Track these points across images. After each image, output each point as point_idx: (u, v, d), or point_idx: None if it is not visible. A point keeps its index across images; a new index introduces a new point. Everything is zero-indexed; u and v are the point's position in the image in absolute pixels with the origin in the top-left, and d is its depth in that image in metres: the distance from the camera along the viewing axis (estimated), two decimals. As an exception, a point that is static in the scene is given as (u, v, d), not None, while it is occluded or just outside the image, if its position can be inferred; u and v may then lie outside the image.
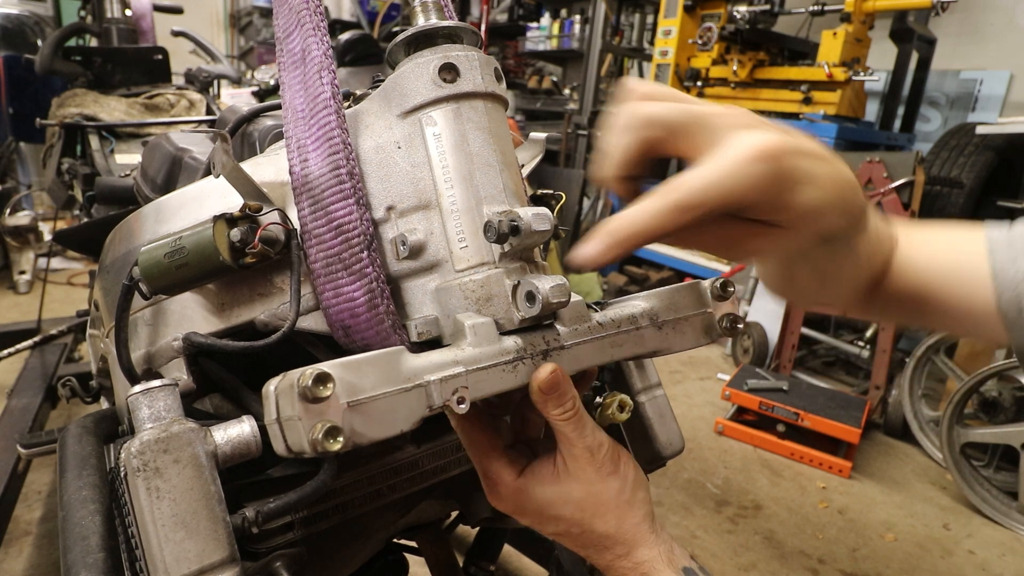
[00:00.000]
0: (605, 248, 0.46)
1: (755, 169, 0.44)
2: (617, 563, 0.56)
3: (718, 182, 0.44)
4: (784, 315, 3.48)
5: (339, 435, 0.43)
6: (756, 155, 0.44)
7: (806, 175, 0.46)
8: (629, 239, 0.46)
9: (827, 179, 0.47)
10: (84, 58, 2.29)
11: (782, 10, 4.05)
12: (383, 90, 0.59)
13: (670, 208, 0.45)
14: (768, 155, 0.44)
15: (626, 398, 0.62)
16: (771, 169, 0.44)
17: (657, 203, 0.45)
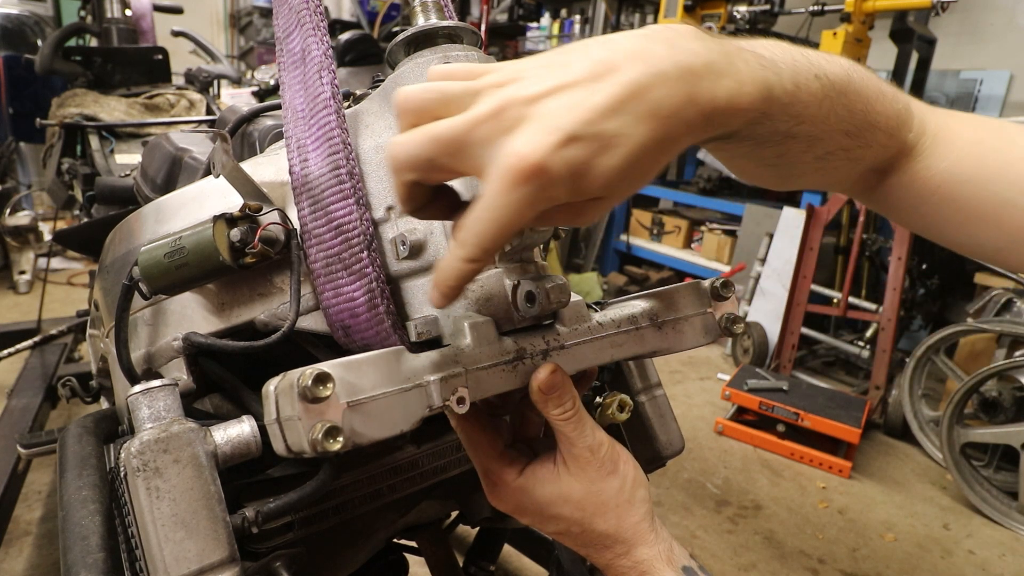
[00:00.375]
0: (441, 299, 0.46)
1: (519, 196, 0.39)
2: (617, 562, 0.56)
3: (490, 224, 0.40)
4: (784, 315, 3.48)
5: (339, 435, 0.43)
6: (512, 181, 0.39)
7: (588, 156, 0.39)
8: (452, 289, 0.46)
9: (626, 134, 0.39)
10: (84, 58, 2.29)
11: (782, 10, 4.04)
12: (383, 90, 0.59)
13: (465, 260, 0.43)
14: (524, 176, 0.38)
15: (626, 398, 0.62)
16: (535, 187, 0.39)
17: (456, 260, 0.44)
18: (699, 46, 0.42)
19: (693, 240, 4.81)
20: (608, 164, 0.40)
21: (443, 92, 0.43)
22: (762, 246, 3.79)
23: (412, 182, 0.45)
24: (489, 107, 0.41)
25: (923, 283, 3.49)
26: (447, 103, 0.43)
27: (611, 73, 0.40)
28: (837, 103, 0.49)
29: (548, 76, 0.41)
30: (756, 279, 3.77)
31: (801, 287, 3.45)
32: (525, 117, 0.40)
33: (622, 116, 0.39)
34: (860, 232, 3.48)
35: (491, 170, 0.40)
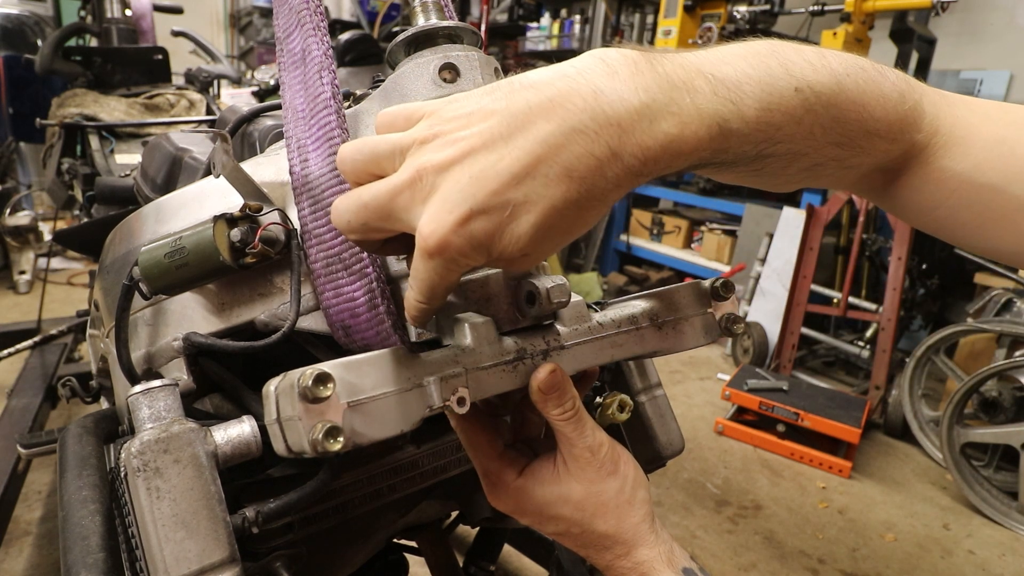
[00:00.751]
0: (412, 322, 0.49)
1: (432, 266, 0.41)
2: (617, 563, 0.56)
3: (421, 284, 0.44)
4: (784, 315, 3.48)
5: (339, 435, 0.43)
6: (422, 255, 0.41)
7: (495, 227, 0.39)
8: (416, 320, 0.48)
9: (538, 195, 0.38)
10: (84, 58, 2.29)
11: (782, 10, 4.05)
12: (383, 90, 0.59)
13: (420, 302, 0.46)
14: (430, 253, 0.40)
15: (626, 398, 0.62)
16: (444, 260, 0.40)
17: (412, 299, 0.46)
18: (630, 87, 0.39)
19: (693, 240, 4.81)
20: (517, 232, 0.39)
21: (373, 152, 0.44)
22: (762, 246, 3.79)
23: (358, 240, 0.47)
24: (406, 175, 0.41)
25: (923, 283, 3.49)
26: (378, 163, 0.44)
27: (521, 132, 0.38)
28: (823, 116, 0.45)
29: (465, 134, 0.40)
30: (756, 279, 3.77)
31: (801, 287, 3.45)
32: (435, 188, 0.40)
33: (531, 181, 0.38)
34: (860, 232, 3.48)
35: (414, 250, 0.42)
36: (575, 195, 0.39)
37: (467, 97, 0.43)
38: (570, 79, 0.39)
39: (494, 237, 0.39)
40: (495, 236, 0.39)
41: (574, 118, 0.38)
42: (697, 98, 0.40)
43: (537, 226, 0.39)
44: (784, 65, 0.43)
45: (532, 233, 0.39)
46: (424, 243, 0.40)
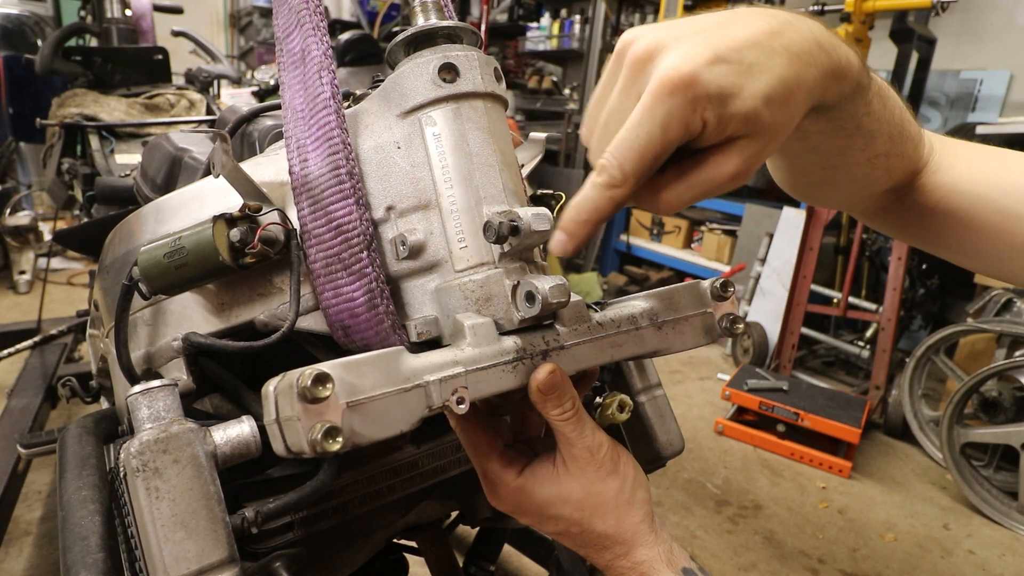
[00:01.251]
0: (568, 240, 0.47)
1: (668, 107, 0.41)
2: (616, 563, 0.56)
3: (635, 141, 0.42)
4: (784, 315, 3.48)
5: (338, 435, 0.43)
6: (663, 90, 0.41)
7: (734, 78, 0.41)
8: (585, 224, 0.46)
9: (767, 63, 0.42)
10: (84, 58, 2.29)
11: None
12: (383, 90, 0.59)
13: (608, 185, 0.44)
14: (676, 84, 0.41)
15: (626, 398, 0.62)
16: (687, 97, 0.41)
17: (593, 189, 0.44)
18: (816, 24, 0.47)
19: (693, 240, 4.81)
20: (753, 88, 0.42)
21: None
22: (762, 246, 3.79)
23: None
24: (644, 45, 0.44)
25: (923, 283, 3.49)
26: None
27: (740, 20, 0.44)
28: (887, 104, 0.54)
29: (686, 23, 0.45)
30: (756, 279, 3.77)
31: (801, 287, 3.45)
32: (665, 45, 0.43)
33: (760, 49, 0.43)
34: (860, 232, 3.48)
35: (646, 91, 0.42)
36: (796, 69, 0.43)
37: None
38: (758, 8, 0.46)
39: (735, 87, 0.42)
40: (735, 86, 0.42)
41: (784, 16, 0.45)
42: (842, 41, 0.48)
43: (770, 87, 0.42)
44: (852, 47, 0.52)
45: (766, 93, 0.42)
46: (673, 74, 0.41)
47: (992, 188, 0.57)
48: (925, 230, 0.63)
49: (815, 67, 0.44)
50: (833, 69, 0.46)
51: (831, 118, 0.51)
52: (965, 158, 0.60)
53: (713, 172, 0.45)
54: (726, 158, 0.44)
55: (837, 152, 0.55)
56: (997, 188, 0.57)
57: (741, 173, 0.45)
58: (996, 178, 0.58)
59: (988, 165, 0.59)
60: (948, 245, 0.63)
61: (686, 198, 0.46)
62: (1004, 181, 0.57)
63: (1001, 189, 0.57)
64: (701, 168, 0.45)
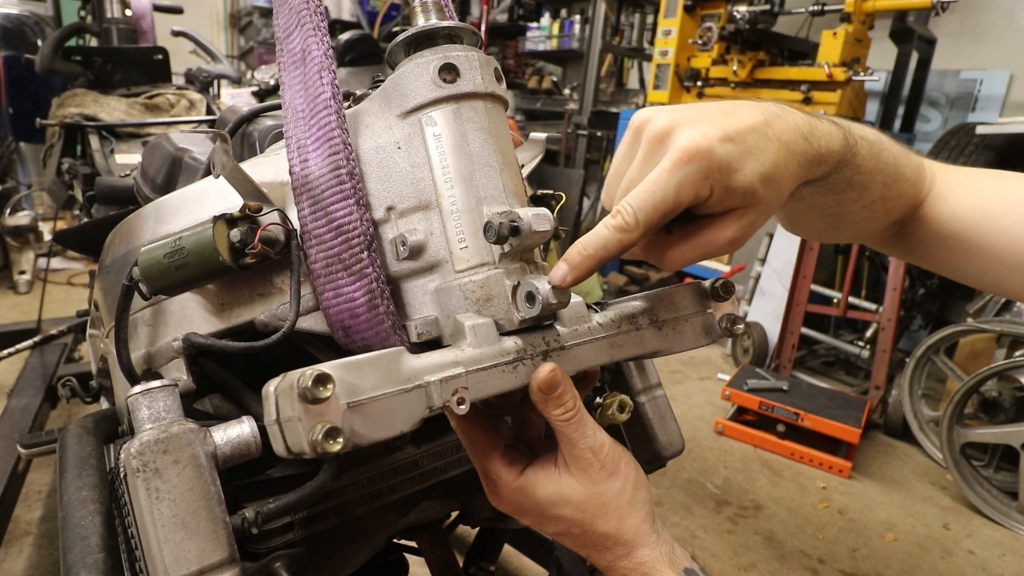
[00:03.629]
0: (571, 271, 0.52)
1: (684, 173, 0.48)
2: (618, 563, 0.56)
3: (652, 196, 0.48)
4: (784, 315, 3.48)
5: (339, 436, 0.43)
6: (682, 158, 0.48)
7: (738, 156, 0.49)
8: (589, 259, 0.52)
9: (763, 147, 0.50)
10: (84, 58, 2.29)
11: (782, 10, 4.04)
12: (383, 90, 0.59)
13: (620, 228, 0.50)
14: (693, 154, 0.48)
15: (626, 398, 0.62)
16: (701, 167, 0.48)
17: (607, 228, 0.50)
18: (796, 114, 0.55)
19: (693, 240, 4.80)
20: (752, 167, 0.50)
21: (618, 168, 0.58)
22: (762, 246, 3.79)
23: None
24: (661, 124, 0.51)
25: (923, 283, 3.49)
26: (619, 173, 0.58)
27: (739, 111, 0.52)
28: (878, 158, 0.60)
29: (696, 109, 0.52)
30: (756, 279, 3.77)
31: (801, 287, 3.45)
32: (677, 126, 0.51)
33: (758, 135, 0.50)
34: (860, 232, 3.47)
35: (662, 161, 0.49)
36: (784, 155, 0.51)
37: None
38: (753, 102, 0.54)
39: (739, 163, 0.49)
40: (740, 163, 0.49)
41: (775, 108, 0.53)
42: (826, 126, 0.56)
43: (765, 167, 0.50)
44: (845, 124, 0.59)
45: (763, 172, 0.50)
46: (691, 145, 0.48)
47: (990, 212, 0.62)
48: (930, 254, 0.68)
49: (799, 155, 0.52)
50: (814, 156, 0.53)
51: (819, 185, 0.58)
52: (964, 184, 0.65)
53: (715, 236, 0.52)
54: (726, 225, 0.52)
55: (833, 205, 0.62)
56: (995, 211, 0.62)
57: (738, 239, 0.52)
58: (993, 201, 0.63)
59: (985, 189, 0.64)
60: (952, 267, 0.68)
61: (689, 258, 0.54)
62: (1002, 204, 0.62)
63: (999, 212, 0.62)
64: (704, 232, 0.52)
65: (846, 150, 0.56)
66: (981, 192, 0.64)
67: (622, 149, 0.56)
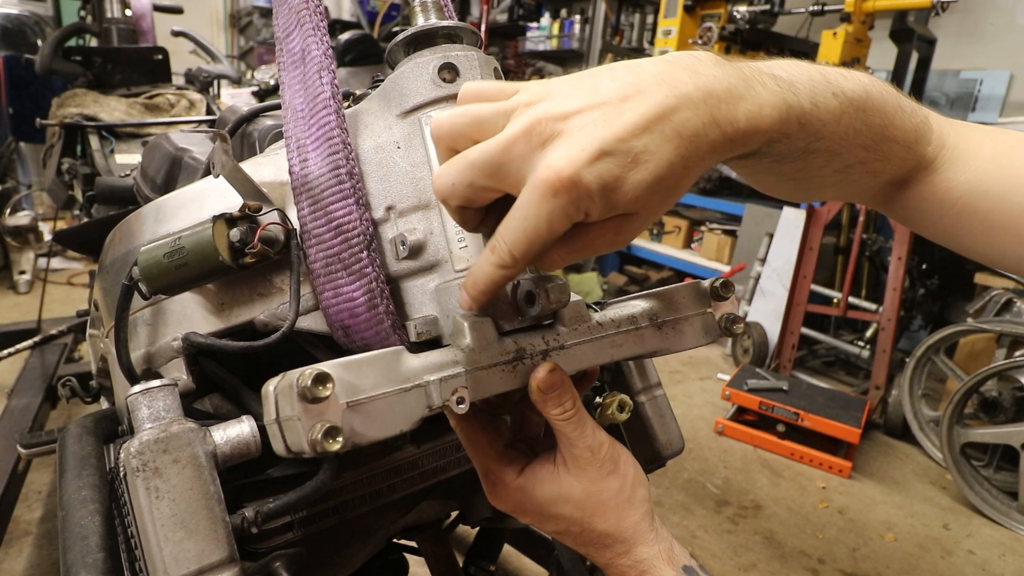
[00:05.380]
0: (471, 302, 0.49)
1: (551, 207, 0.41)
2: (617, 561, 0.56)
3: (522, 233, 0.43)
4: (784, 315, 3.48)
5: (338, 435, 0.43)
6: (546, 193, 0.41)
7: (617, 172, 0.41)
8: (482, 294, 0.48)
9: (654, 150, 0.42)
10: (84, 58, 2.29)
11: (782, 10, 4.04)
12: (383, 90, 0.59)
13: (498, 265, 0.45)
14: (556, 188, 0.40)
15: (626, 398, 0.62)
16: (569, 198, 0.41)
17: (487, 265, 0.46)
18: (719, 72, 0.44)
19: (693, 240, 4.81)
20: (637, 179, 0.42)
21: (475, 115, 0.45)
22: (762, 246, 3.79)
23: (460, 207, 0.47)
24: (521, 125, 0.43)
25: (923, 283, 3.49)
26: (480, 125, 0.45)
27: (639, 95, 0.42)
28: (855, 119, 0.51)
29: (577, 95, 0.43)
30: (756, 279, 3.77)
31: (801, 287, 3.45)
32: (558, 133, 0.42)
33: (650, 135, 0.41)
34: (860, 232, 3.48)
35: (528, 183, 0.42)
36: (683, 153, 0.42)
37: (565, 76, 0.46)
38: (670, 63, 0.45)
39: (618, 181, 0.41)
40: (619, 180, 0.41)
41: (683, 87, 0.43)
42: (767, 87, 0.46)
43: (655, 176, 0.42)
44: (823, 74, 0.50)
45: (650, 183, 0.42)
46: (553, 177, 0.40)
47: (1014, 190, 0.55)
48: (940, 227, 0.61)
49: (705, 145, 0.43)
50: (727, 141, 0.44)
51: (758, 157, 0.50)
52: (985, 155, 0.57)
53: (594, 241, 0.46)
54: (605, 231, 0.46)
55: (793, 171, 0.54)
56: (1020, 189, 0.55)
57: (620, 243, 0.47)
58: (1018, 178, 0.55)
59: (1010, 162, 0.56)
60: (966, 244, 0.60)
61: (568, 260, 0.48)
62: None
63: None
64: (582, 237, 0.46)
65: (785, 123, 0.47)
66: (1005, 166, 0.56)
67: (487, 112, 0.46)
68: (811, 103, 0.48)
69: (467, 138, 0.45)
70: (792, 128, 0.48)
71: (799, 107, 0.47)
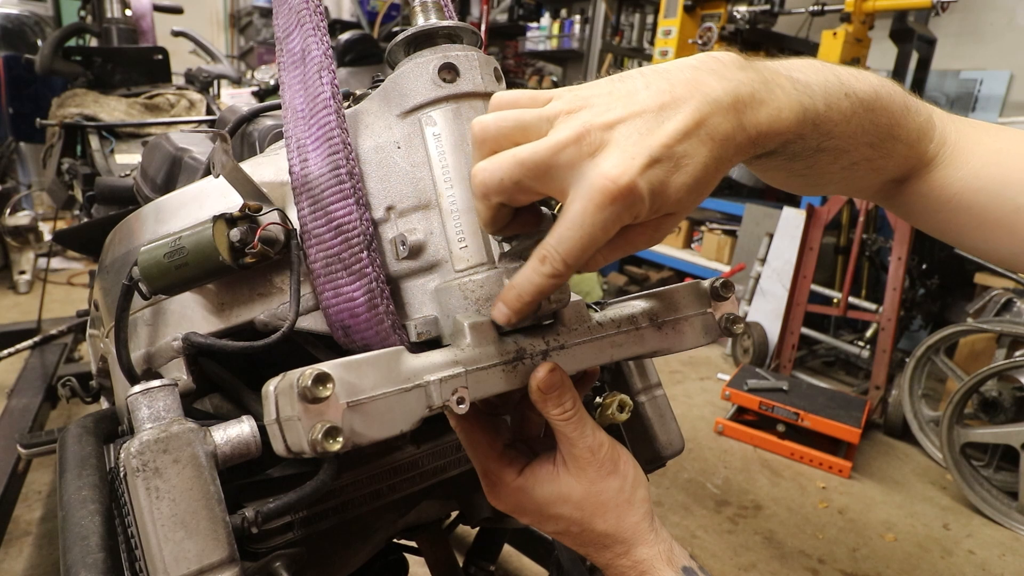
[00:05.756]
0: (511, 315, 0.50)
1: (607, 215, 0.43)
2: (616, 561, 0.56)
3: (577, 241, 0.44)
4: (784, 315, 3.48)
5: (338, 435, 0.43)
6: (603, 201, 0.43)
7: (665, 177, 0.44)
8: (527, 305, 0.49)
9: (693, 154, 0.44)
10: (84, 58, 2.29)
11: (782, 10, 4.04)
12: (383, 90, 0.59)
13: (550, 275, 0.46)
14: (614, 196, 0.42)
15: (626, 398, 0.62)
16: (624, 205, 0.43)
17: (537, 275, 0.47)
18: (744, 76, 0.47)
19: (693, 240, 4.81)
20: (680, 181, 0.44)
21: (519, 120, 0.47)
22: (762, 246, 3.79)
23: (498, 204, 0.48)
24: (570, 132, 0.44)
25: (923, 283, 3.49)
26: (525, 129, 0.46)
27: (675, 103, 0.45)
28: (864, 119, 0.53)
29: (616, 104, 0.45)
30: (756, 279, 3.77)
31: (801, 287, 3.45)
32: (606, 142, 0.44)
33: (689, 140, 0.44)
34: (860, 232, 3.48)
35: (578, 191, 0.44)
36: (716, 154, 0.45)
37: (595, 83, 0.48)
38: (698, 69, 0.47)
39: (664, 185, 0.44)
40: (665, 184, 0.44)
41: (714, 93, 0.45)
42: (785, 91, 0.49)
43: (694, 179, 0.45)
44: (836, 75, 0.53)
45: (691, 184, 0.45)
46: (611, 185, 0.42)
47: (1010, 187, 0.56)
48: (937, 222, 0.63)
49: (733, 147, 0.46)
50: (751, 142, 0.47)
51: (773, 156, 0.52)
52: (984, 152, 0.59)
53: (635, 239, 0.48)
54: (647, 229, 0.48)
55: (802, 168, 0.56)
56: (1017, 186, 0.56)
57: (658, 239, 0.49)
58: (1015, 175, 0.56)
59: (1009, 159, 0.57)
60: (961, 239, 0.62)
61: (609, 260, 0.50)
62: None
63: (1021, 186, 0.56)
64: (625, 237, 0.48)
65: (801, 125, 0.49)
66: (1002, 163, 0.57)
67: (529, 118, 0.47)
68: (825, 104, 0.50)
69: (511, 141, 0.46)
70: (807, 129, 0.50)
71: (814, 109, 0.50)
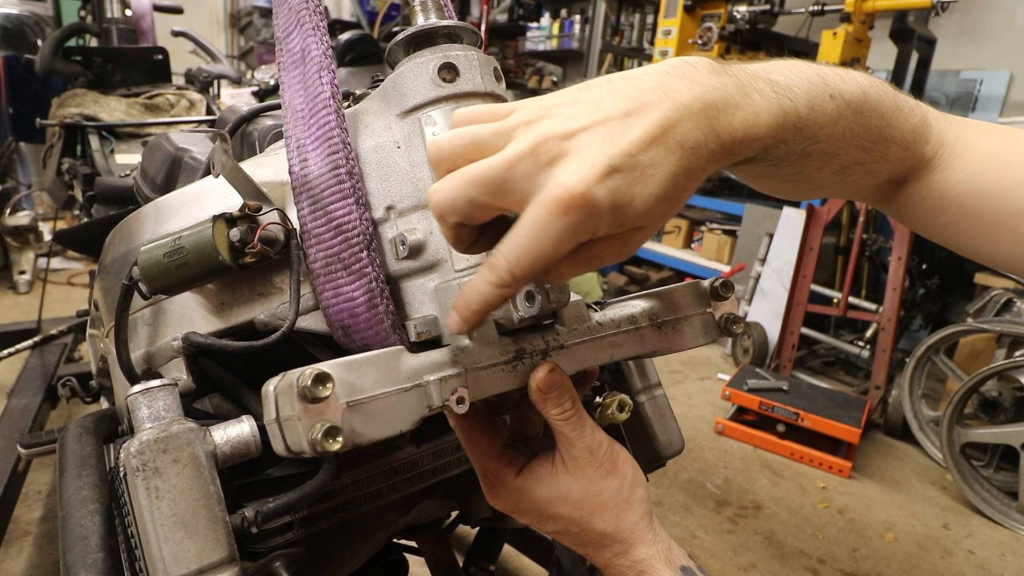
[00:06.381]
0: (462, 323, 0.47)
1: (561, 226, 0.40)
2: (615, 561, 0.56)
3: (527, 251, 0.42)
4: (784, 315, 3.48)
5: (338, 435, 0.43)
6: (557, 211, 0.40)
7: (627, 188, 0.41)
8: (475, 315, 0.46)
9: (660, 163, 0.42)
10: (84, 58, 2.29)
11: (782, 10, 4.04)
12: (383, 90, 0.59)
13: (495, 285, 0.44)
14: (568, 205, 0.40)
15: (626, 398, 0.62)
16: (580, 216, 0.40)
17: (484, 284, 0.44)
18: (716, 80, 0.45)
19: (693, 240, 4.81)
20: (647, 192, 0.42)
21: (474, 136, 0.44)
22: (762, 246, 3.79)
23: (456, 224, 0.46)
24: (527, 144, 0.42)
25: (923, 283, 3.49)
26: (480, 146, 0.44)
27: (641, 109, 0.42)
28: (852, 121, 0.51)
29: (579, 112, 0.43)
30: (756, 279, 3.77)
31: (801, 287, 3.45)
32: (564, 152, 0.41)
33: (655, 148, 0.41)
34: (860, 232, 3.48)
35: (534, 200, 0.41)
36: (685, 164, 0.43)
37: (560, 92, 0.46)
38: (668, 74, 0.44)
39: (627, 196, 0.41)
40: (628, 196, 0.41)
41: (683, 99, 0.43)
42: (763, 94, 0.46)
43: (661, 189, 0.42)
44: (821, 76, 0.50)
45: (658, 195, 0.42)
46: (565, 194, 0.40)
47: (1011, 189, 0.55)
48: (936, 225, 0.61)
49: (705, 156, 0.44)
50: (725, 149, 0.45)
51: (757, 162, 0.50)
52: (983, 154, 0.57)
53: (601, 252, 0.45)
54: (613, 243, 0.45)
55: (790, 174, 0.54)
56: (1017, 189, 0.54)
57: (626, 253, 0.47)
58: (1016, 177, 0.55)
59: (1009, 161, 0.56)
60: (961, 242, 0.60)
61: (575, 273, 0.47)
62: None
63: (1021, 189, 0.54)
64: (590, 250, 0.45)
65: (781, 129, 0.47)
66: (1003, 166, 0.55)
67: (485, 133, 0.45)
68: (808, 107, 0.48)
69: (466, 159, 0.44)
70: (789, 134, 0.48)
71: (795, 113, 0.48)
